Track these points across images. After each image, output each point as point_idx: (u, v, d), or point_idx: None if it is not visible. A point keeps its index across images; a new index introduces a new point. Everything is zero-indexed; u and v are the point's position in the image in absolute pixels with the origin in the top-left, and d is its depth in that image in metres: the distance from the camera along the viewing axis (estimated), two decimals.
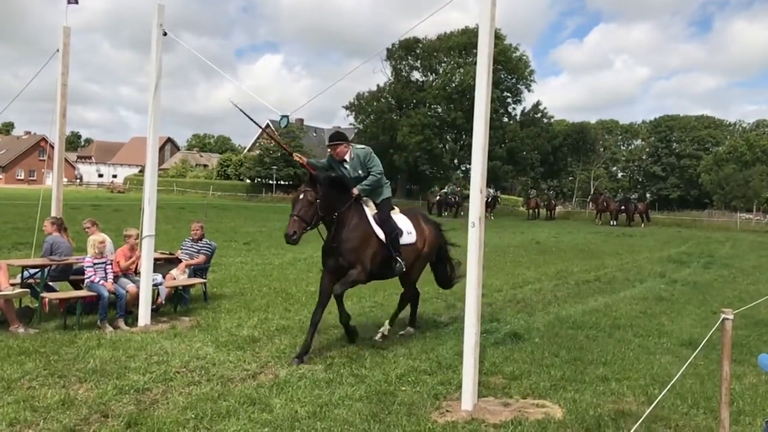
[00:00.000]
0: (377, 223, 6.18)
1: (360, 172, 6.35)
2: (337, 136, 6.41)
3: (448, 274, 7.55)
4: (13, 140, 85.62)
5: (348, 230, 6.00)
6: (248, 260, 12.61)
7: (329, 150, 6.42)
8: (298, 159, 6.47)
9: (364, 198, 6.33)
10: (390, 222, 6.29)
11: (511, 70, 49.99)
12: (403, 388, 5.05)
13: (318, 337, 6.24)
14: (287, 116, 6.06)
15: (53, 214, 8.48)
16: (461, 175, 51.54)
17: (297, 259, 13.13)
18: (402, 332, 6.94)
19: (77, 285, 7.57)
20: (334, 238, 5.99)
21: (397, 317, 7.11)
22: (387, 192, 6.56)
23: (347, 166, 6.36)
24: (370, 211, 6.27)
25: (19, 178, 77.44)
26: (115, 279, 7.14)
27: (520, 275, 12.18)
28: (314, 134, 70.94)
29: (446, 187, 40.59)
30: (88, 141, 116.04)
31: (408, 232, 6.51)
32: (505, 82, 50.54)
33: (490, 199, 37.35)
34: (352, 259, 5.95)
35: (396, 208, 6.69)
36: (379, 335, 6.74)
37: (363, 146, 6.44)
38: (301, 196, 5.74)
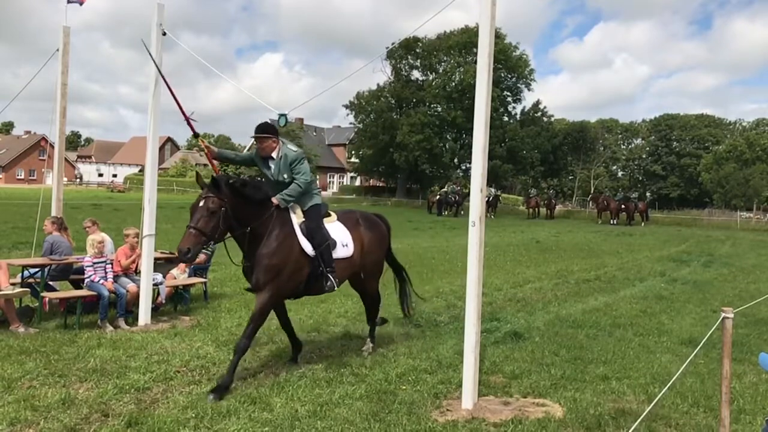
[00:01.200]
0: (304, 234, 5.35)
1: (285, 176, 5.48)
2: (264, 128, 5.54)
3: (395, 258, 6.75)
4: (13, 140, 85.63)
5: (266, 245, 5.12)
6: None
7: (255, 143, 5.61)
8: (204, 146, 5.69)
9: (291, 206, 5.52)
10: (320, 232, 5.44)
11: (511, 69, 49.98)
12: (404, 387, 5.05)
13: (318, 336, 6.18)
14: (285, 114, 6.03)
15: (53, 213, 8.49)
16: (461, 174, 51.52)
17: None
18: (363, 348, 6.17)
19: (77, 284, 7.57)
20: (249, 256, 5.14)
21: (375, 327, 6.44)
22: (317, 199, 5.68)
23: (272, 165, 5.55)
24: (297, 218, 5.46)
25: (19, 177, 77.44)
26: (116, 278, 7.14)
27: (520, 274, 12.18)
28: (314, 134, 70.94)
29: (446, 186, 40.58)
30: (88, 140, 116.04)
31: (343, 245, 5.67)
32: (505, 81, 50.53)
33: (491, 199, 37.34)
34: (265, 279, 5.10)
35: (333, 214, 5.89)
36: (366, 348, 6.18)
37: (296, 149, 5.59)
38: (201, 204, 4.80)
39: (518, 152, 51.38)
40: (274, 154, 5.54)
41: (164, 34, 7.08)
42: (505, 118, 52.13)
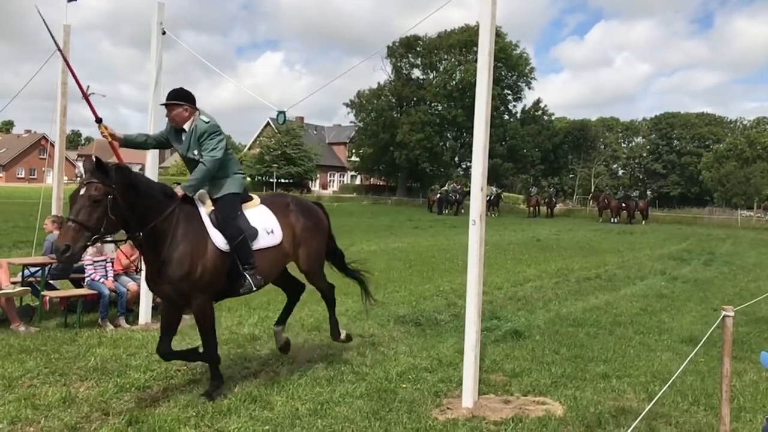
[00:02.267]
0: (215, 226, 4.60)
1: (195, 153, 4.74)
2: (175, 93, 4.78)
3: (339, 252, 6.03)
4: (14, 139, 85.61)
5: (171, 246, 4.38)
6: None
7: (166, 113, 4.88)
8: (106, 134, 4.99)
9: (199, 193, 4.75)
10: (235, 224, 4.66)
11: (512, 67, 49.99)
12: (404, 386, 5.06)
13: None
14: (284, 112, 6.01)
15: (54, 212, 8.49)
16: (462, 172, 51.53)
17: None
18: (342, 338, 5.77)
19: (78, 283, 7.57)
20: (154, 260, 4.42)
21: (334, 319, 5.83)
22: (233, 185, 4.85)
23: (183, 138, 4.82)
24: (206, 209, 4.70)
25: (19, 176, 77.44)
26: (116, 277, 7.15)
27: (520, 273, 12.18)
28: (315, 132, 70.92)
29: (447, 185, 40.57)
30: (89, 139, 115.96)
31: (268, 231, 4.90)
32: (506, 79, 50.55)
33: (493, 197, 37.35)
34: (184, 287, 4.43)
35: (255, 197, 5.14)
36: (343, 335, 5.79)
37: (209, 119, 4.76)
38: (82, 191, 4.02)
39: (519, 151, 51.41)
40: (186, 126, 4.78)
41: (164, 33, 7.08)
42: (506, 117, 52.17)
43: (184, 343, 6.09)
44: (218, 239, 4.57)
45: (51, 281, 7.45)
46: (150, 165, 7.25)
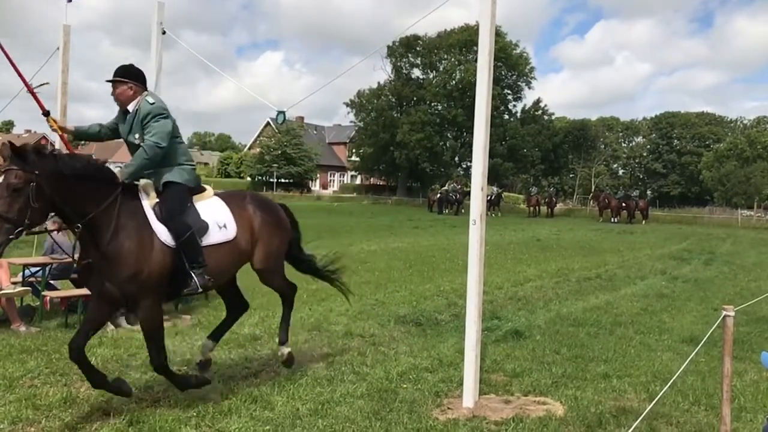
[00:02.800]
0: (159, 220, 4.17)
1: (136, 136, 4.37)
2: (122, 70, 4.42)
3: (304, 257, 5.58)
4: (14, 139, 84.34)
5: (113, 241, 3.96)
6: None
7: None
8: (55, 127, 4.73)
9: (142, 183, 4.32)
10: (181, 218, 4.22)
11: (512, 67, 50.00)
12: (405, 386, 5.06)
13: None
14: (284, 112, 5.99)
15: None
16: (462, 172, 51.54)
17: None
18: (280, 354, 5.15)
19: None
20: (92, 254, 4.00)
21: (287, 324, 5.28)
22: (179, 176, 4.42)
23: (127, 120, 4.47)
24: (149, 201, 4.25)
25: None
26: None
27: (521, 272, 12.18)
28: (314, 132, 70.91)
29: (447, 185, 40.59)
30: None
31: (221, 226, 4.45)
32: (506, 79, 50.56)
33: (493, 197, 37.37)
34: (130, 288, 4.01)
35: (209, 188, 4.72)
36: (282, 355, 5.13)
37: (155, 100, 4.38)
38: (0, 180, 3.62)
39: (519, 150, 51.42)
40: (131, 107, 4.40)
41: (164, 32, 7.08)
42: (506, 117, 52.19)
43: (184, 343, 6.10)
44: (163, 234, 4.13)
45: (51, 281, 7.44)
46: None
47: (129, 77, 4.40)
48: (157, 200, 4.27)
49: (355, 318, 7.52)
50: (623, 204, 35.28)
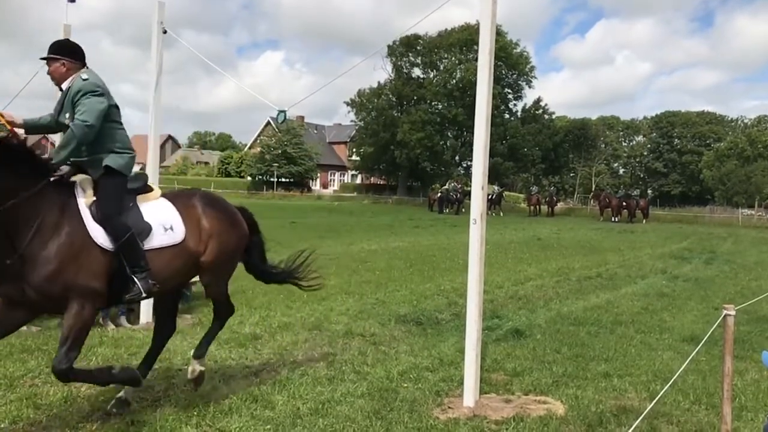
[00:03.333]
0: (96, 220, 3.76)
1: (67, 116, 3.98)
2: (54, 47, 4.11)
3: (267, 267, 5.19)
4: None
5: (36, 238, 3.54)
6: None
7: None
8: (3, 122, 4.14)
9: (80, 179, 3.91)
10: (119, 219, 3.85)
11: (512, 66, 50.01)
12: (405, 385, 5.06)
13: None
14: (284, 111, 5.99)
15: None
16: (462, 171, 51.55)
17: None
18: (191, 370, 4.51)
19: None
20: (8, 251, 3.50)
21: (209, 340, 4.72)
22: (114, 160, 3.99)
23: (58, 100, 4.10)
24: (86, 199, 3.84)
25: None
26: None
27: (521, 272, 12.18)
28: (315, 131, 70.92)
29: (447, 184, 40.61)
30: None
31: (166, 228, 4.08)
32: (506, 78, 50.55)
33: (494, 196, 37.40)
34: (52, 290, 3.58)
35: (156, 189, 4.36)
36: (193, 372, 4.51)
37: (88, 76, 3.99)
38: None
39: (519, 150, 51.42)
40: (65, 86, 4.05)
41: (165, 32, 7.08)
42: (506, 116, 52.19)
43: (185, 342, 6.10)
44: (99, 235, 3.74)
45: None
46: (151, 163, 7.24)
47: (62, 53, 4.05)
48: (94, 199, 3.85)
49: (356, 317, 7.52)
50: (624, 203, 35.28)
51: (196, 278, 8.15)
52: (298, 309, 7.89)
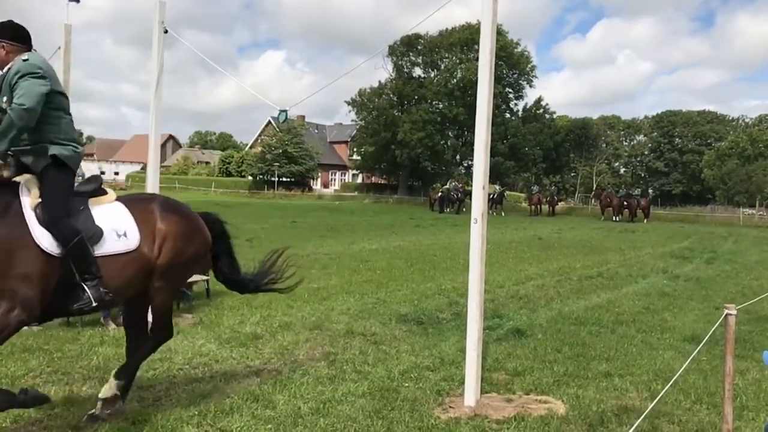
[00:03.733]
0: (41, 222, 3.52)
1: (5, 100, 3.62)
2: None
3: (237, 275, 4.81)
4: None
5: None
6: (250, 257, 12.58)
7: None
8: None
9: (24, 179, 3.65)
10: (66, 222, 3.58)
11: (513, 65, 49.96)
12: (406, 385, 5.06)
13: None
14: (286, 111, 5.99)
15: None
16: (463, 171, 51.53)
17: (299, 255, 13.13)
18: (103, 393, 4.09)
19: None
20: None
21: (135, 368, 4.36)
22: (59, 150, 3.71)
23: None
24: (30, 200, 3.58)
25: None
26: None
27: (522, 271, 12.17)
28: (316, 131, 70.93)
29: (448, 183, 40.61)
30: (90, 138, 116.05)
31: (120, 234, 3.81)
32: (507, 77, 50.51)
33: (496, 196, 37.40)
34: None
35: (111, 192, 4.06)
36: (107, 390, 4.09)
37: (28, 57, 3.66)
38: None
39: (520, 149, 51.37)
40: (6, 70, 3.71)
41: (166, 31, 7.07)
42: (507, 115, 52.15)
43: (186, 342, 6.11)
44: (45, 240, 3.49)
45: None
46: (152, 163, 7.24)
47: (2, 36, 3.73)
48: (40, 200, 3.58)
49: (357, 317, 7.52)
50: (625, 202, 35.27)
51: (198, 277, 8.24)
52: (299, 308, 7.89)
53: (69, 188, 3.74)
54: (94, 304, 3.72)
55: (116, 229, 3.82)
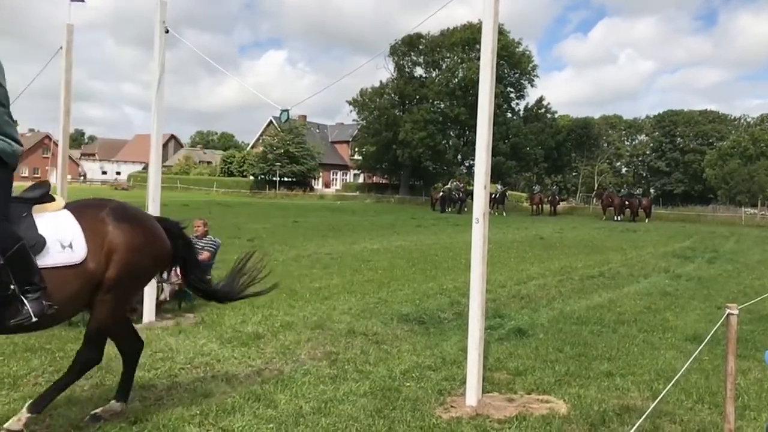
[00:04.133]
0: None
1: None
2: None
3: (206, 285, 4.67)
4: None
5: None
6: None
7: None
8: None
9: None
10: (5, 227, 3.36)
11: (515, 65, 49.96)
12: (408, 384, 5.06)
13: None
14: (287, 110, 6.00)
15: None
16: (464, 171, 51.53)
17: (300, 255, 13.14)
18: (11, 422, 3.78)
19: None
20: None
21: (128, 386, 4.27)
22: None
23: None
24: None
25: (23, 175, 77.58)
26: None
27: (524, 271, 12.17)
28: (317, 131, 70.96)
29: (449, 183, 40.61)
30: (92, 138, 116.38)
31: (64, 245, 3.55)
32: (509, 77, 50.51)
33: (498, 195, 37.38)
34: None
35: (60, 199, 3.90)
36: (16, 422, 3.74)
37: None
38: None
39: (522, 149, 51.35)
40: None
41: (167, 31, 7.08)
42: (509, 115, 52.14)
43: (187, 341, 6.12)
44: None
45: None
46: (153, 163, 7.25)
47: None
48: None
49: (358, 316, 7.52)
50: (626, 202, 35.26)
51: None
52: (300, 308, 7.89)
53: (6, 186, 3.45)
54: (34, 320, 3.39)
55: (61, 239, 3.56)
